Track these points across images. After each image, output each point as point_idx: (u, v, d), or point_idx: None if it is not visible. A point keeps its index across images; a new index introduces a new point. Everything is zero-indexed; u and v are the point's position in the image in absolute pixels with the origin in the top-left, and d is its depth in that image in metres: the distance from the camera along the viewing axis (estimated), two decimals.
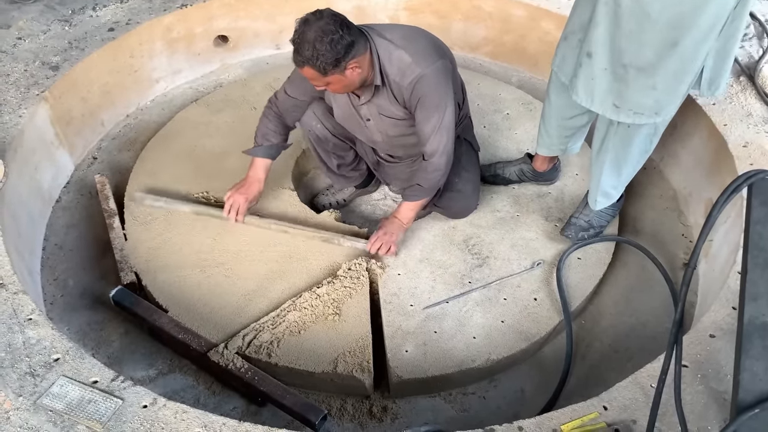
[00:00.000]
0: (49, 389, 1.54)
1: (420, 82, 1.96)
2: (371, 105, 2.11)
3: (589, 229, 2.33)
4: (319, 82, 1.91)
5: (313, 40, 1.78)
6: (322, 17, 1.82)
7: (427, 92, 1.98)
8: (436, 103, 2.00)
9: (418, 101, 2.00)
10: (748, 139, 2.32)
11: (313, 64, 1.82)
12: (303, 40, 1.80)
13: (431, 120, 2.03)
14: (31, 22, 2.93)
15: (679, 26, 1.70)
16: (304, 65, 1.84)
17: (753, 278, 1.27)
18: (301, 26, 1.82)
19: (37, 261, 2.37)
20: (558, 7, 3.14)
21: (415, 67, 1.95)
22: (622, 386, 1.61)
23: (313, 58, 1.80)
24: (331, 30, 1.79)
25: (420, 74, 1.96)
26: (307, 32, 1.79)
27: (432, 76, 1.98)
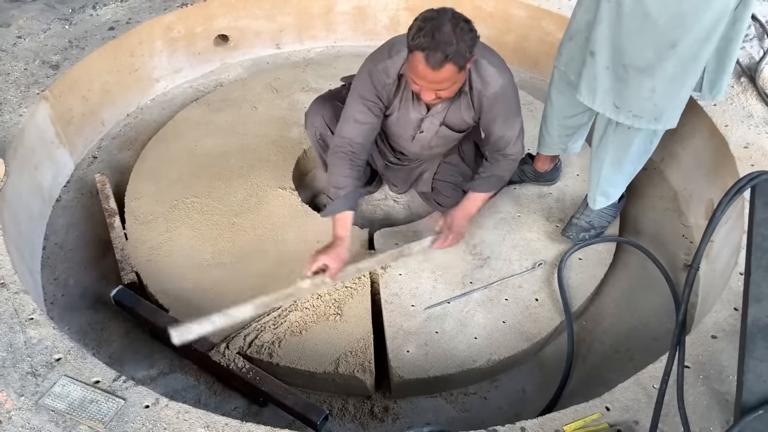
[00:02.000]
0: (50, 389, 1.54)
1: (502, 91, 1.95)
2: (439, 115, 2.05)
3: (590, 230, 2.33)
4: (448, 83, 1.76)
5: (453, 32, 1.65)
6: (446, 11, 1.69)
7: (508, 100, 1.99)
8: (516, 109, 2.04)
9: (499, 110, 1.99)
10: (749, 140, 2.33)
11: (455, 59, 1.67)
12: (441, 35, 1.64)
13: (514, 126, 2.06)
14: (31, 21, 2.93)
15: (678, 27, 1.70)
16: (444, 63, 1.67)
17: (756, 280, 1.27)
18: (429, 23, 1.66)
19: (37, 260, 2.37)
20: (559, 8, 3.14)
21: (499, 77, 1.93)
22: (624, 387, 1.61)
23: (458, 53, 1.67)
24: (462, 19, 1.69)
25: (502, 84, 1.94)
26: (443, 27, 1.65)
27: (511, 85, 1.99)
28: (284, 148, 2.74)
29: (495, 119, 2.01)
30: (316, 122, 2.24)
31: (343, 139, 2.03)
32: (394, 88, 1.98)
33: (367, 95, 1.98)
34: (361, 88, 1.98)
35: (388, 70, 1.94)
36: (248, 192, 2.53)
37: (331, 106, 2.22)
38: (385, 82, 1.95)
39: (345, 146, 2.03)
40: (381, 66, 1.93)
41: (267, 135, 2.81)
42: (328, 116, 2.22)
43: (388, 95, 1.99)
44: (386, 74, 1.94)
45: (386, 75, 1.94)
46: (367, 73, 1.96)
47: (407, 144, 2.20)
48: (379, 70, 1.94)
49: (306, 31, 3.52)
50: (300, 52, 3.54)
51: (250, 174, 2.60)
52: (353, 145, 2.03)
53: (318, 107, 2.24)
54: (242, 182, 2.57)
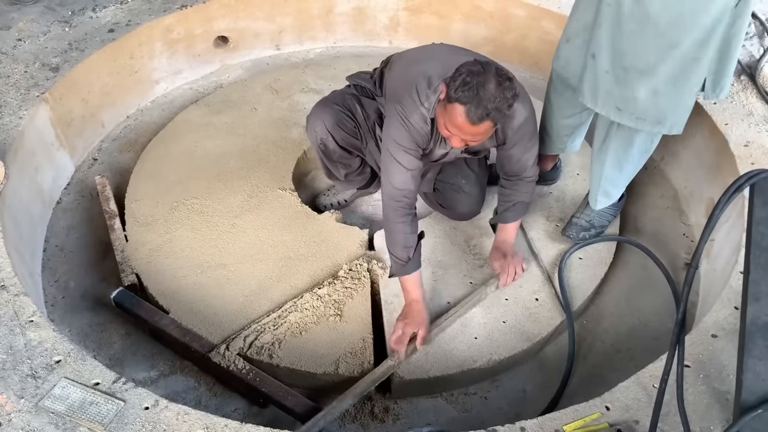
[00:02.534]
0: (50, 391, 1.54)
1: (525, 122, 1.98)
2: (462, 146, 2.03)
3: (590, 229, 2.33)
4: (483, 137, 1.77)
5: (496, 91, 1.66)
6: (491, 67, 1.70)
7: (528, 129, 2.01)
8: (534, 135, 2.07)
9: (521, 138, 2.02)
10: (749, 139, 2.32)
11: (496, 117, 1.68)
12: (485, 92, 1.65)
13: (532, 150, 2.08)
14: (31, 24, 2.93)
15: (679, 27, 1.70)
16: (483, 120, 1.68)
17: (755, 278, 1.26)
18: (474, 78, 1.66)
19: (38, 263, 2.37)
20: (558, 7, 3.14)
21: (523, 110, 1.95)
22: (624, 386, 1.61)
23: (498, 111, 1.67)
24: (506, 77, 1.69)
25: (525, 115, 1.97)
26: (488, 84, 1.65)
27: (532, 114, 2.01)
28: (284, 149, 2.74)
29: (516, 145, 2.04)
30: (317, 127, 2.22)
31: (400, 191, 1.96)
32: (429, 132, 1.96)
33: (407, 144, 1.94)
34: (400, 138, 1.93)
35: (425, 118, 1.91)
36: (248, 193, 2.53)
37: (333, 112, 2.20)
38: (422, 131, 1.93)
39: (401, 198, 1.97)
40: (415, 118, 1.91)
41: (267, 136, 2.81)
42: (329, 122, 2.19)
43: (426, 140, 1.98)
44: (424, 122, 1.92)
45: (424, 123, 1.92)
46: (402, 124, 1.92)
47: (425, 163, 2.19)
48: (414, 122, 1.91)
49: (306, 32, 3.52)
50: (300, 53, 3.54)
51: (250, 175, 2.60)
52: (408, 195, 1.97)
53: (319, 112, 2.21)
54: (242, 183, 2.57)
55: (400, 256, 1.99)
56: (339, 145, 2.24)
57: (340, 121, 2.20)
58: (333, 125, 2.20)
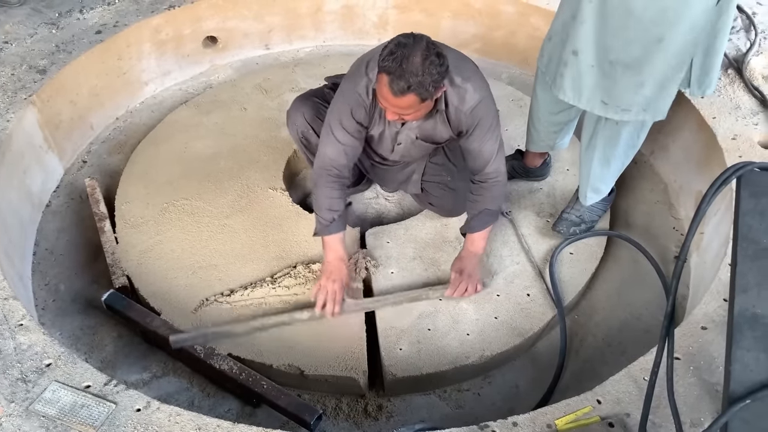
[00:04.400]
0: (41, 395, 1.53)
1: (479, 107, 1.93)
2: (414, 129, 2.05)
3: (580, 224, 2.34)
4: (410, 110, 1.77)
5: (421, 64, 1.65)
6: (421, 40, 1.69)
7: (484, 116, 1.96)
8: (493, 125, 1.99)
9: (476, 125, 1.96)
10: (736, 132, 2.33)
11: (418, 91, 1.68)
12: (408, 64, 1.65)
13: (490, 142, 2.01)
14: (17, 26, 2.91)
15: (663, 22, 1.71)
16: (405, 93, 1.68)
17: (742, 270, 1.27)
18: (400, 50, 1.66)
19: (27, 266, 2.36)
20: (547, 3, 3.14)
21: (474, 93, 1.91)
22: (615, 380, 1.62)
23: (421, 85, 1.67)
24: (434, 53, 1.69)
25: (479, 99, 1.92)
26: (412, 57, 1.65)
27: (488, 100, 1.96)
28: (274, 149, 2.74)
29: (472, 135, 1.99)
30: (297, 120, 2.24)
31: (330, 162, 2.02)
32: (371, 105, 1.96)
33: (345, 118, 1.97)
34: (341, 110, 1.97)
35: (368, 90, 1.91)
36: (239, 193, 2.52)
37: (312, 104, 2.22)
38: (364, 101, 1.93)
39: (330, 168, 2.03)
40: (360, 87, 1.92)
41: (257, 136, 2.81)
42: (309, 114, 2.21)
43: (367, 114, 1.98)
44: (366, 93, 1.92)
45: (366, 94, 1.92)
46: (345, 94, 1.95)
47: (387, 154, 2.21)
48: (358, 91, 1.92)
49: (295, 31, 3.51)
50: (289, 53, 3.53)
51: (240, 175, 2.60)
52: (338, 167, 2.03)
53: (298, 105, 2.23)
54: (233, 183, 2.56)
55: (325, 217, 2.04)
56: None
57: (319, 113, 2.21)
58: (312, 117, 2.22)
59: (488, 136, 2.00)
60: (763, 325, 1.21)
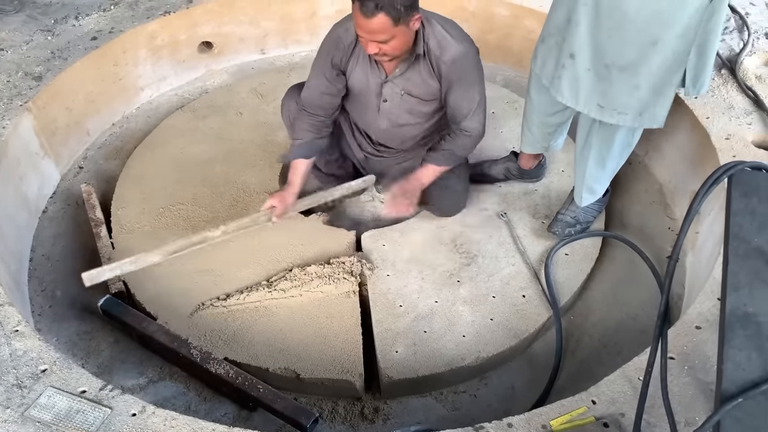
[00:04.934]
0: (36, 400, 1.53)
1: (461, 58, 1.96)
2: (399, 81, 2.07)
3: (575, 225, 2.34)
4: (384, 35, 1.80)
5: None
6: None
7: (467, 69, 1.99)
8: (476, 80, 2.03)
9: (456, 78, 1.99)
10: (730, 132, 2.34)
11: (388, 10, 1.73)
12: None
13: (470, 95, 2.05)
14: (13, 33, 2.92)
15: (657, 24, 1.72)
16: (376, 12, 1.73)
17: (734, 269, 1.28)
18: None
19: (24, 272, 2.36)
20: (540, 5, 3.15)
21: (456, 43, 1.95)
22: (610, 380, 1.62)
23: (390, 4, 1.72)
24: None
25: (461, 51, 1.96)
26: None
27: (471, 54, 2.00)
28: (270, 153, 2.74)
29: (452, 86, 2.03)
30: (290, 107, 2.28)
31: (306, 101, 2.14)
32: (350, 49, 2.02)
33: (325, 61, 2.06)
34: (323, 53, 2.07)
35: (350, 29, 1.98)
36: (235, 198, 2.53)
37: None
38: (345, 41, 2.00)
39: (306, 107, 2.15)
40: (343, 27, 2.00)
41: (253, 140, 2.81)
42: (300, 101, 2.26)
43: (344, 56, 2.03)
44: (347, 32, 1.98)
45: (347, 33, 1.98)
46: (329, 34, 2.04)
47: (375, 120, 2.23)
48: (341, 30, 2.00)
49: (290, 36, 3.52)
50: (285, 57, 3.54)
51: (236, 179, 2.60)
52: (313, 109, 2.14)
53: (292, 94, 2.29)
54: (228, 188, 2.57)
55: (293, 142, 2.19)
56: None
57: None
58: None
59: (468, 93, 2.04)
60: (755, 323, 1.22)
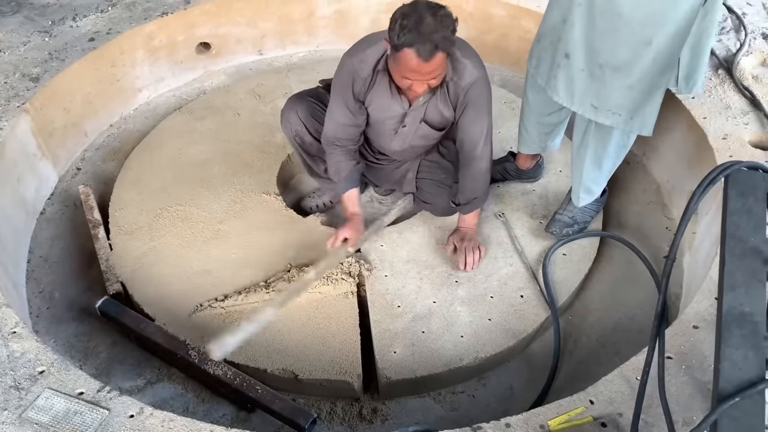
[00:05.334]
0: (34, 402, 1.53)
1: (476, 84, 1.97)
2: (421, 109, 2.06)
3: (573, 225, 2.34)
4: (440, 70, 1.81)
5: (434, 21, 1.70)
6: (420, 3, 1.74)
7: (480, 95, 2.00)
8: (487, 108, 2.04)
9: (469, 103, 2.00)
10: (727, 132, 2.34)
11: (444, 45, 1.73)
12: (425, 26, 1.69)
13: (481, 123, 2.04)
14: (10, 34, 2.92)
15: (651, 24, 1.72)
16: (435, 53, 1.72)
17: (730, 268, 1.28)
18: (409, 20, 1.70)
19: (22, 274, 2.36)
20: (538, 6, 3.16)
21: (473, 69, 1.95)
22: (607, 380, 1.62)
23: (445, 39, 1.72)
24: (436, 5, 1.74)
25: (478, 77, 1.96)
26: (425, 18, 1.69)
27: (485, 81, 2.00)
28: (268, 154, 2.74)
29: (465, 111, 2.03)
30: (291, 119, 2.26)
31: (331, 136, 2.14)
32: (370, 80, 2.00)
33: (345, 95, 2.03)
34: (340, 86, 2.04)
35: (365, 61, 1.96)
36: (233, 198, 2.53)
37: (306, 103, 2.24)
38: (361, 74, 1.98)
39: (333, 141, 2.15)
40: (357, 58, 1.97)
41: (251, 141, 2.81)
42: (302, 113, 2.24)
43: (362, 88, 2.02)
44: (363, 64, 1.96)
45: (363, 65, 1.96)
46: (344, 67, 2.01)
47: (387, 141, 2.21)
48: (355, 62, 1.98)
49: (288, 37, 3.52)
50: (282, 58, 3.54)
51: (234, 180, 2.60)
52: (340, 142, 2.15)
53: (292, 104, 2.26)
54: (226, 189, 2.57)
55: (335, 179, 2.22)
56: (314, 137, 2.27)
57: (313, 112, 2.24)
58: (307, 116, 2.24)
59: (480, 117, 2.03)
60: (751, 323, 1.22)
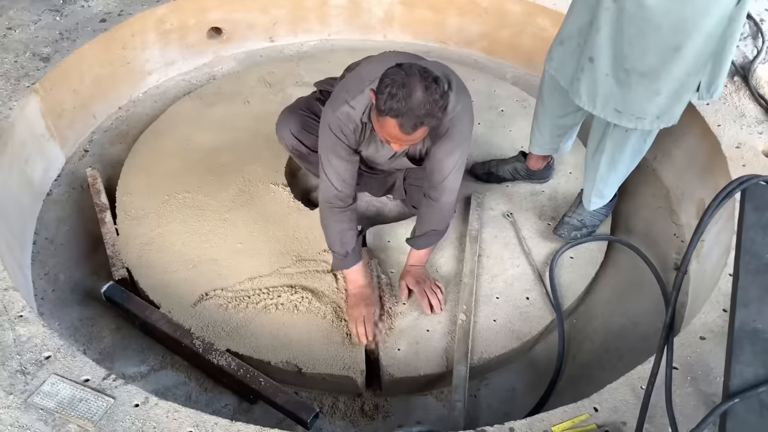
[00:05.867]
0: (40, 387, 1.53)
1: (456, 117, 1.90)
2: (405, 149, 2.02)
3: (581, 228, 2.34)
4: (419, 138, 1.75)
5: (423, 96, 1.64)
6: (413, 69, 1.66)
7: (458, 128, 1.92)
8: (462, 140, 1.95)
9: (445, 135, 1.92)
10: (741, 140, 2.33)
11: (428, 121, 1.68)
12: (412, 101, 1.63)
13: (454, 155, 1.96)
14: (21, 12, 2.89)
15: (681, 31, 1.70)
16: (419, 127, 1.68)
17: (744, 284, 1.27)
18: (399, 89, 1.63)
19: (27, 256, 2.36)
20: (554, 4, 3.13)
21: (456, 103, 1.88)
22: (612, 388, 1.62)
23: (430, 115, 1.66)
24: (431, 78, 1.66)
25: (459, 111, 1.89)
26: (414, 92, 1.63)
27: (466, 113, 1.93)
28: (277, 144, 2.67)
29: (441, 142, 1.95)
30: (284, 135, 2.24)
31: (330, 194, 2.01)
32: (359, 132, 1.94)
33: (337, 148, 1.94)
34: (330, 144, 1.94)
35: (351, 117, 1.89)
36: (240, 188, 2.52)
37: (298, 117, 2.21)
38: (349, 129, 1.91)
39: (334, 200, 2.02)
40: (342, 115, 1.88)
41: (260, 130, 2.79)
42: (295, 128, 2.21)
43: (356, 139, 1.96)
44: (349, 121, 1.89)
45: (349, 121, 1.89)
46: (329, 127, 1.91)
47: (375, 163, 2.19)
48: (341, 119, 1.89)
49: (300, 25, 3.50)
50: (294, 46, 3.52)
51: (242, 169, 2.59)
52: (341, 197, 2.02)
53: (285, 120, 2.23)
54: (234, 178, 2.56)
55: (338, 251, 2.06)
56: (311, 149, 2.23)
57: (306, 125, 2.20)
58: (299, 130, 2.21)
59: (454, 149, 1.95)
60: (764, 340, 1.22)
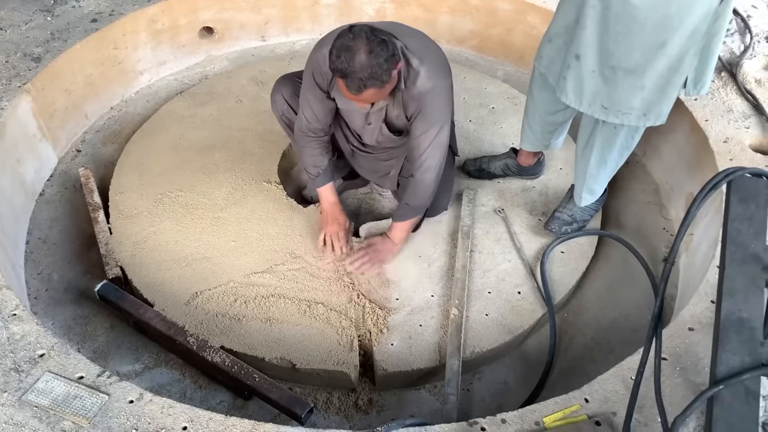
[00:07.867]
0: (34, 385, 1.54)
1: (429, 93, 1.94)
2: (380, 112, 2.07)
3: (572, 223, 2.36)
4: (374, 98, 1.84)
5: (367, 59, 1.70)
6: (360, 33, 1.73)
7: (430, 105, 1.96)
8: (437, 118, 1.99)
9: (419, 112, 1.97)
10: (728, 135, 2.36)
11: (373, 83, 1.74)
12: (355, 63, 1.70)
13: (429, 133, 2.00)
14: (12, 12, 2.89)
15: (666, 28, 1.72)
16: (364, 89, 1.75)
17: (730, 274, 1.29)
18: (343, 52, 1.71)
19: (20, 255, 2.36)
20: (544, 2, 3.15)
21: (426, 79, 1.92)
22: (603, 379, 1.64)
23: (374, 77, 1.73)
24: (377, 41, 1.73)
25: (430, 86, 1.93)
26: (357, 55, 1.70)
27: (440, 90, 1.97)
28: (269, 142, 2.74)
29: (415, 120, 2.00)
30: (277, 99, 2.29)
31: (304, 123, 2.15)
32: (330, 77, 2.00)
33: (312, 87, 2.05)
34: (308, 80, 2.06)
35: (324, 58, 1.91)
36: (233, 186, 2.53)
37: (291, 83, 2.26)
38: (323, 68, 1.97)
39: (306, 131, 2.16)
40: (320, 54, 1.96)
41: (252, 128, 2.81)
42: (287, 93, 2.26)
43: (324, 81, 2.02)
44: (325, 60, 1.91)
45: (324, 61, 1.91)
46: (309, 61, 2.04)
47: (361, 131, 2.23)
48: (319, 57, 1.97)
49: (291, 24, 3.50)
50: (285, 45, 3.53)
51: (235, 168, 2.60)
52: (313, 129, 2.16)
53: (278, 86, 2.29)
54: (227, 176, 2.56)
55: (312, 172, 2.25)
56: None
57: (298, 91, 2.23)
58: (291, 95, 2.26)
59: (429, 127, 2.00)
60: (749, 329, 1.24)
